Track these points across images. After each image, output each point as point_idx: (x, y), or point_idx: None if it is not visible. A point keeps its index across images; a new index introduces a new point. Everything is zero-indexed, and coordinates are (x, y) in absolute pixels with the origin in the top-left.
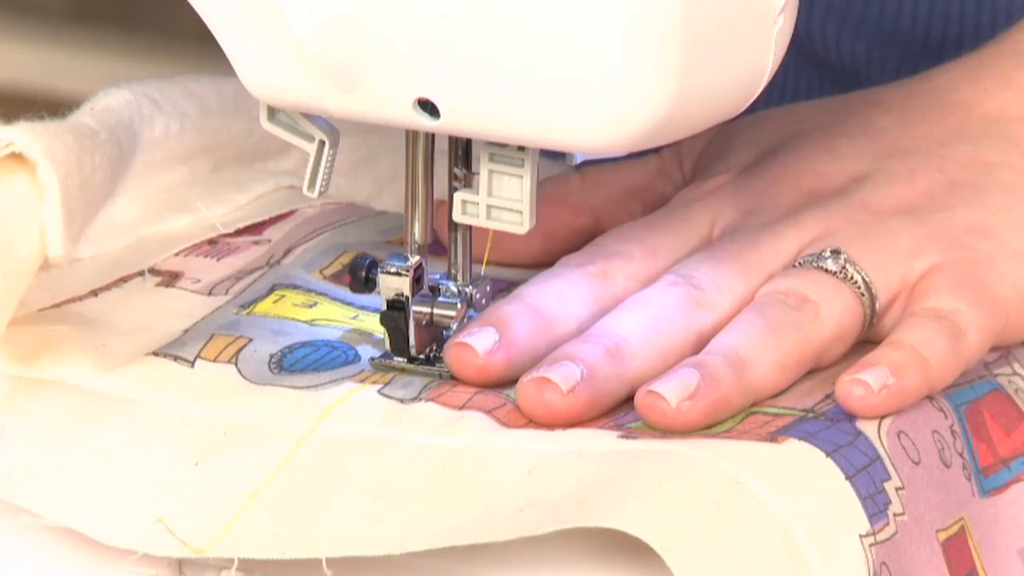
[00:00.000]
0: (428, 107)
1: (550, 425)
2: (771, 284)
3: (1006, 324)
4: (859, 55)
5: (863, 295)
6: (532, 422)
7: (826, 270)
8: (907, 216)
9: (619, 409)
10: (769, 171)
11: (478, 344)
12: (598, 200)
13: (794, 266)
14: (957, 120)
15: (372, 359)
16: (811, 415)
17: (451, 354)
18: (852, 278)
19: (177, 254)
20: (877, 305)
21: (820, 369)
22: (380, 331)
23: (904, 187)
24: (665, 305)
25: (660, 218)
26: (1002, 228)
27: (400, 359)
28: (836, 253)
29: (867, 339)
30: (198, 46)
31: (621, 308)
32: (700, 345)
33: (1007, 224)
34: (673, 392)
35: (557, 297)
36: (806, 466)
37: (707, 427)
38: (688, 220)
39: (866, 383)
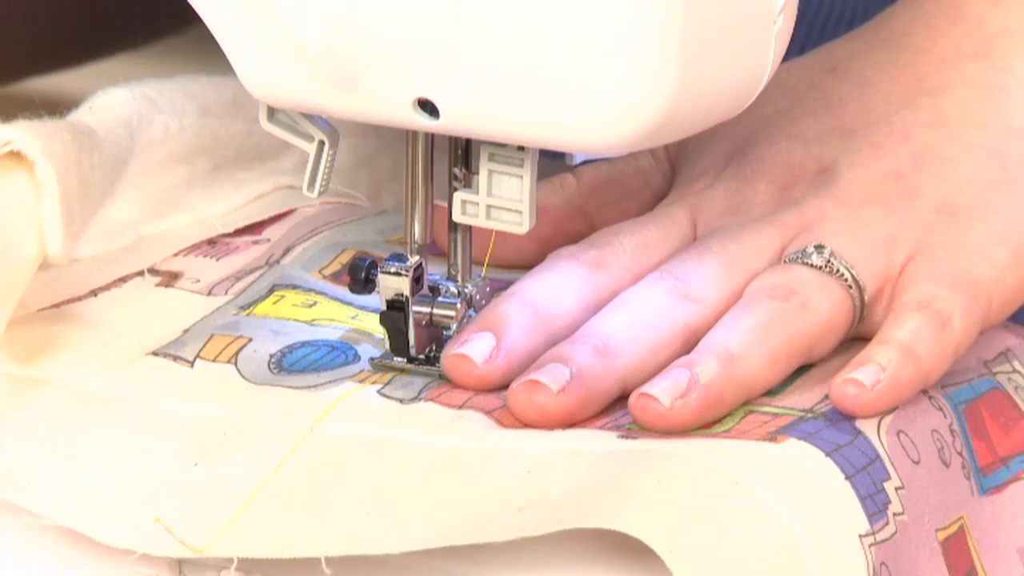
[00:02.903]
0: (428, 107)
1: (544, 427)
2: (758, 281)
3: (989, 303)
4: None
5: (851, 287)
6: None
7: (811, 265)
8: (878, 207)
9: (618, 410)
10: (741, 171)
11: (475, 353)
12: (594, 205)
13: (780, 263)
14: (914, 72)
15: (372, 359)
16: (810, 415)
17: (449, 364)
18: (838, 271)
19: (177, 254)
20: (866, 296)
21: (819, 369)
22: (380, 331)
23: (870, 169)
24: (651, 300)
25: (647, 217)
26: (969, 201)
27: (400, 359)
28: (820, 248)
29: (859, 335)
30: (198, 46)
31: (608, 307)
32: (688, 338)
33: (973, 195)
34: (665, 392)
35: (552, 290)
36: (806, 466)
37: (702, 424)
38: (673, 218)
39: (859, 381)
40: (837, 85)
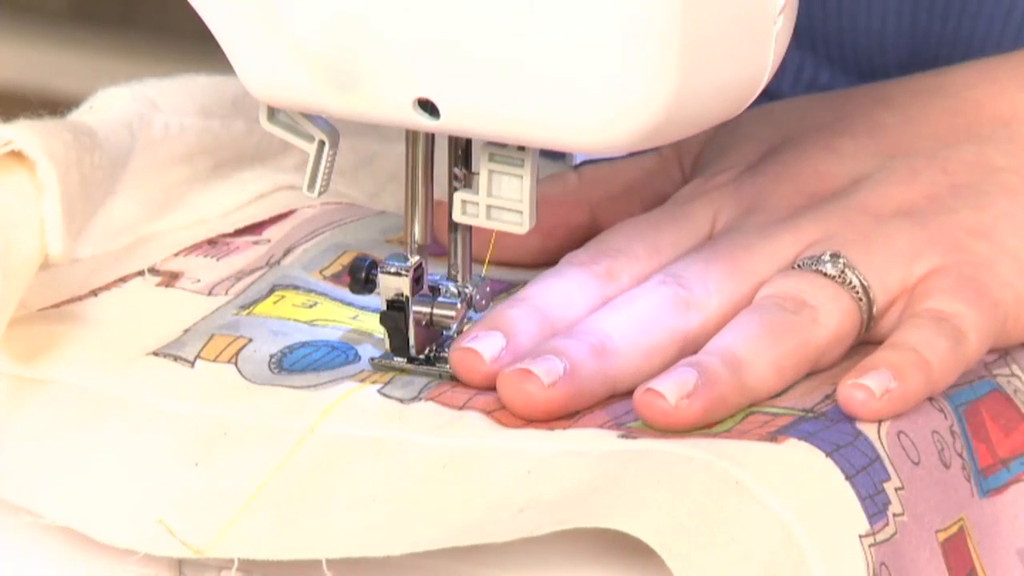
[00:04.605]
0: (428, 107)
1: (528, 417)
2: (769, 287)
3: (1004, 327)
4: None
5: (861, 299)
6: (531, 422)
7: (825, 274)
8: (907, 219)
9: (619, 409)
10: (770, 169)
11: (485, 350)
12: (596, 198)
13: (793, 268)
14: (965, 120)
15: (372, 359)
16: (811, 415)
17: (456, 358)
18: (850, 282)
19: (177, 254)
20: (875, 309)
21: (820, 370)
22: (380, 331)
23: (905, 188)
24: (653, 305)
25: (663, 214)
26: (1003, 232)
27: (400, 359)
28: (835, 257)
29: (865, 340)
30: (198, 46)
31: (609, 306)
32: (686, 346)
33: (1008, 228)
34: (671, 390)
35: (562, 298)
36: (806, 466)
37: (705, 426)
38: (691, 216)
39: (868, 388)
40: (885, 114)
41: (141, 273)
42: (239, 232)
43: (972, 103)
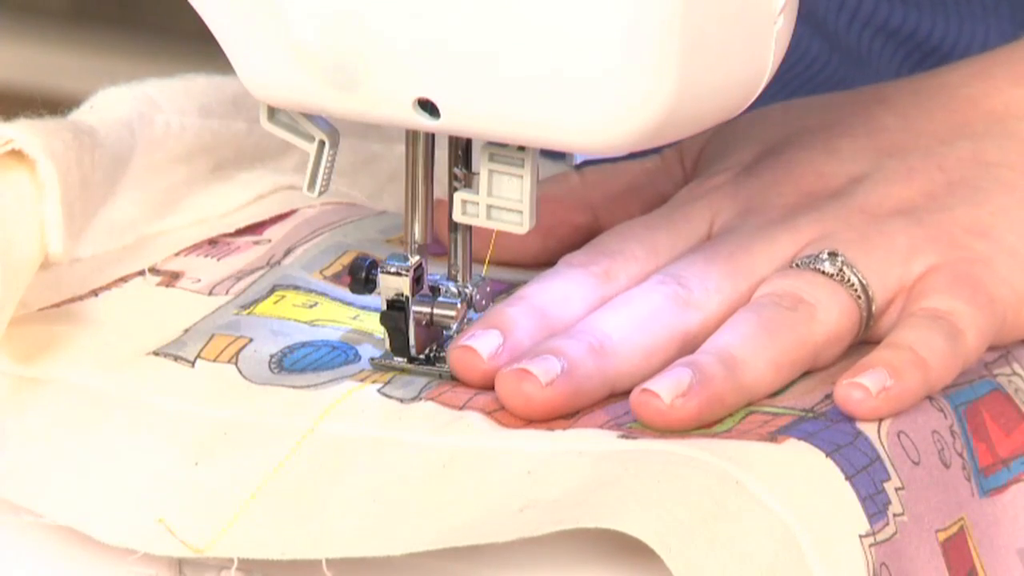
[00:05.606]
0: (428, 107)
1: (527, 417)
2: (768, 285)
3: (1003, 324)
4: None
5: (859, 297)
6: (531, 422)
7: (823, 272)
8: (904, 217)
9: (619, 409)
10: (769, 170)
11: (482, 348)
12: (597, 198)
13: (791, 267)
14: (961, 117)
15: (372, 359)
16: (811, 415)
17: (455, 357)
18: (849, 280)
19: (177, 254)
20: (874, 307)
21: (819, 369)
22: (380, 331)
23: (902, 187)
24: (652, 304)
25: (661, 216)
26: (1000, 228)
27: (400, 359)
28: (833, 255)
29: (865, 340)
30: (198, 46)
31: (608, 306)
32: (685, 345)
33: (1005, 224)
34: (667, 390)
35: (561, 298)
36: (806, 466)
37: (701, 424)
38: (689, 218)
39: (864, 387)
40: (883, 115)
41: (141, 273)
42: (240, 232)
43: (966, 100)
